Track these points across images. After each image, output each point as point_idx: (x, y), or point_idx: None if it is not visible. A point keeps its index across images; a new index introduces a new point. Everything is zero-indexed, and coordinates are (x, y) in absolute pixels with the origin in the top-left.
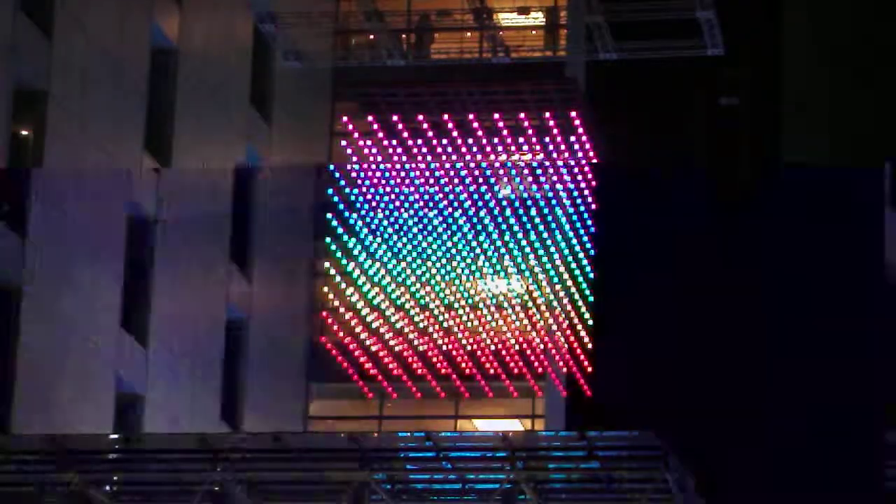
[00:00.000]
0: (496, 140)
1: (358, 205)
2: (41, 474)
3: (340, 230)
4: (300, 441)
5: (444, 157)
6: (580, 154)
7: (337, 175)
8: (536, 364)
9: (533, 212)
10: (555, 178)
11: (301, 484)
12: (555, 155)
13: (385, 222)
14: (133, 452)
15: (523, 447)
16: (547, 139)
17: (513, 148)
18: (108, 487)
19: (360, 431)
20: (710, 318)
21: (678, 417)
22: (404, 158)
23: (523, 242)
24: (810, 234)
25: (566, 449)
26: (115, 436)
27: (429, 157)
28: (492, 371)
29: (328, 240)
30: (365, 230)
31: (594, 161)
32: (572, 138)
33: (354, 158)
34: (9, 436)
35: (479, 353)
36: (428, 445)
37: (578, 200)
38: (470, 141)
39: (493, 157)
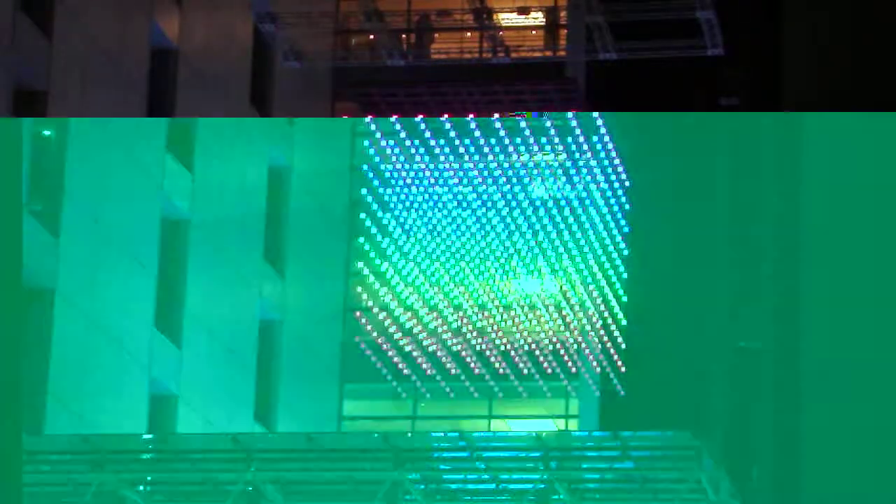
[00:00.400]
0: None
1: (391, 205)
2: (75, 474)
3: (374, 230)
4: (334, 441)
5: (443, 158)
6: (603, 154)
7: (371, 175)
8: (570, 364)
9: (566, 212)
10: (588, 178)
11: (334, 484)
12: (564, 156)
13: (419, 222)
14: (166, 453)
15: (557, 447)
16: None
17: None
18: (141, 487)
19: (394, 431)
20: None
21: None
22: (441, 159)
23: (556, 243)
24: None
25: (600, 449)
26: (149, 436)
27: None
28: (525, 371)
29: (361, 240)
30: (398, 230)
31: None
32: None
33: (377, 158)
34: (42, 436)
35: (512, 353)
36: (461, 445)
37: (612, 201)
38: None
39: (526, 156)
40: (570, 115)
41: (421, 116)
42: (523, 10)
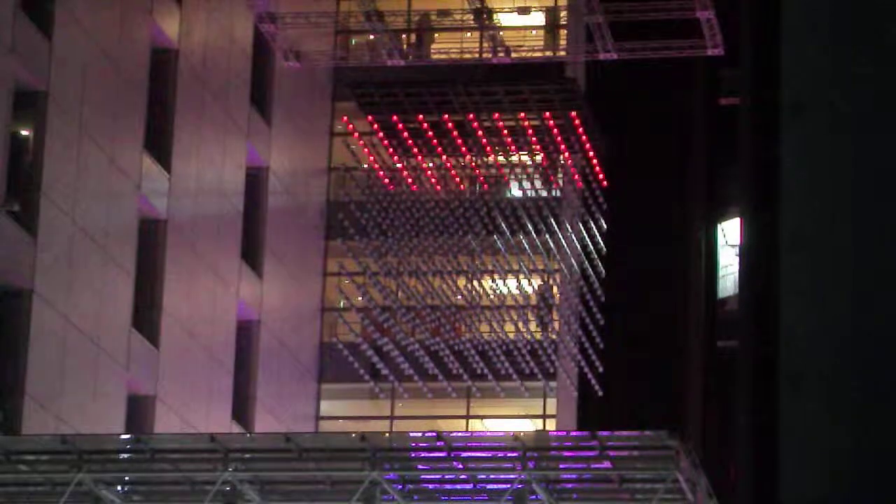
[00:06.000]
0: (496, 140)
1: (369, 205)
2: (53, 474)
3: (351, 230)
4: (311, 441)
5: (445, 157)
6: (579, 154)
7: (348, 175)
8: (548, 364)
9: (545, 211)
10: (565, 178)
11: (312, 483)
12: (554, 155)
13: (396, 222)
14: (144, 452)
15: (535, 447)
16: (547, 139)
17: (513, 148)
18: (119, 487)
19: (371, 431)
20: None
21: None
22: (419, 158)
23: (535, 242)
24: None
25: (577, 449)
26: (127, 436)
27: (430, 157)
28: (503, 371)
29: (339, 239)
30: (376, 230)
31: (605, 161)
32: (572, 138)
33: (357, 158)
34: (21, 436)
35: (490, 352)
36: (439, 445)
37: (590, 200)
38: (470, 141)
39: (502, 157)
40: (546, 114)
41: (420, 116)
42: (523, 10)
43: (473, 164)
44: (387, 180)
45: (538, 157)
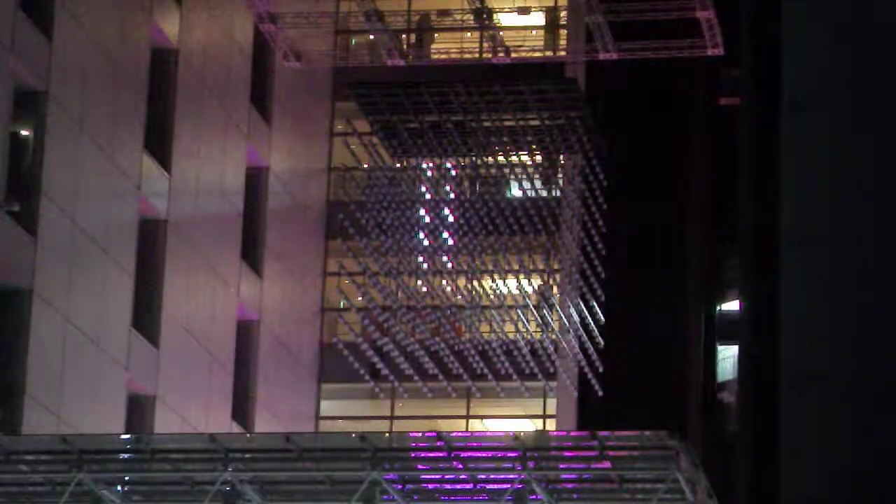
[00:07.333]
0: (496, 140)
1: (369, 204)
2: (53, 474)
3: (351, 230)
4: (311, 441)
5: (445, 157)
6: (579, 154)
7: (348, 175)
8: (548, 364)
9: (544, 211)
10: (565, 178)
11: (312, 483)
12: (554, 155)
13: (396, 221)
14: (144, 452)
15: (534, 447)
16: (547, 139)
17: (512, 148)
18: (119, 487)
19: (371, 431)
20: None
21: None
22: (417, 158)
23: (535, 242)
24: None
25: (577, 449)
26: (127, 436)
27: (430, 157)
28: (503, 371)
29: (339, 239)
30: (376, 229)
31: (606, 160)
32: (572, 138)
33: (355, 158)
34: (21, 436)
35: (490, 352)
36: (439, 445)
37: (590, 200)
38: (470, 141)
39: (502, 157)
40: (545, 114)
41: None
42: (523, 10)
43: (473, 164)
44: (387, 180)
45: (538, 157)
